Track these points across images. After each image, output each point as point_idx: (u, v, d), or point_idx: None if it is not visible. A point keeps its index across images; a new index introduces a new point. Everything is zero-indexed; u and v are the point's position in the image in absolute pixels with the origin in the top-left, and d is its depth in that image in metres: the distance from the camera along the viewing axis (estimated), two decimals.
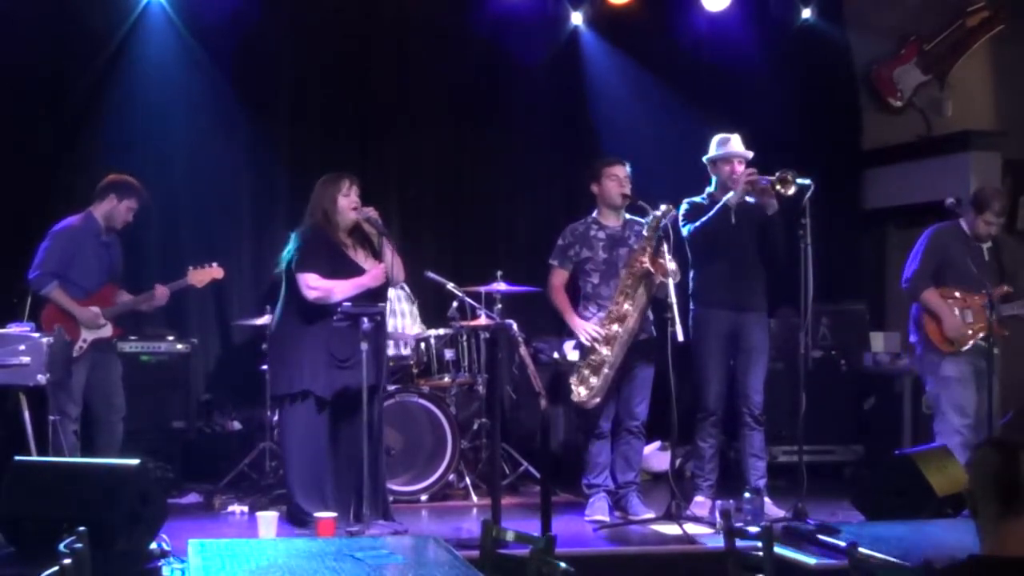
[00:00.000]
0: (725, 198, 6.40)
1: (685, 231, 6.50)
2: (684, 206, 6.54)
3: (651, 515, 6.27)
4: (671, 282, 6.03)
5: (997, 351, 6.50)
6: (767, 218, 6.38)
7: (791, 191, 6.18)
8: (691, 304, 6.56)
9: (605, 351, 6.25)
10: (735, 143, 6.55)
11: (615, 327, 6.26)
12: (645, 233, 6.27)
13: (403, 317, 7.47)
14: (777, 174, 6.22)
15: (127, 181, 6.68)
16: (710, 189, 6.59)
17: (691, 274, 6.59)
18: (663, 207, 6.19)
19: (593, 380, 6.26)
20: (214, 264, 6.80)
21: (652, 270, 6.15)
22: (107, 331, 6.60)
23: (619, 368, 6.32)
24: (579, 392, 6.27)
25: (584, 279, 6.48)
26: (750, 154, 6.53)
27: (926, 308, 6.60)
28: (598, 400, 6.29)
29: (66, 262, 6.50)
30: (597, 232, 6.46)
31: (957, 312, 6.54)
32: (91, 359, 6.57)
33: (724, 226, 6.42)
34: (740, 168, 6.46)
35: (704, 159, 6.63)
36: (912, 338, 6.75)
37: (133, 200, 6.64)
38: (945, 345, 6.53)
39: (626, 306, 6.26)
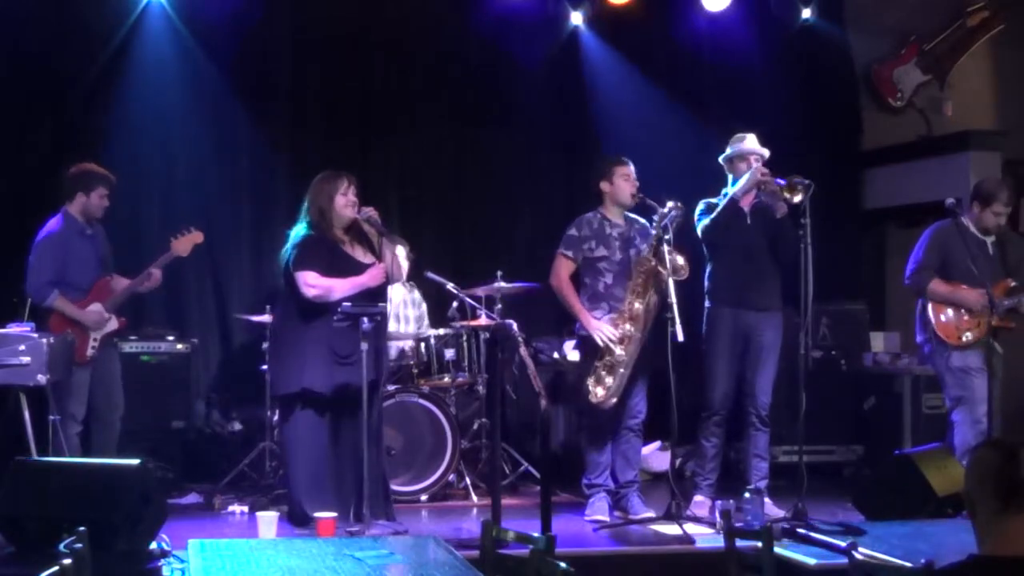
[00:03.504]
0: (733, 190, 6.41)
1: (700, 226, 6.50)
2: (700, 205, 6.55)
3: (651, 515, 6.27)
4: (671, 281, 6.04)
5: (1000, 350, 6.50)
6: (777, 221, 6.39)
7: (797, 199, 6.19)
8: (705, 301, 6.57)
9: (620, 351, 6.24)
10: (750, 141, 6.56)
11: (628, 327, 6.26)
12: (654, 231, 6.27)
13: (406, 322, 7.46)
14: (787, 180, 6.22)
15: (87, 172, 6.61)
16: (726, 189, 6.58)
17: (706, 272, 6.60)
18: (669, 204, 6.18)
19: (609, 380, 6.25)
20: (192, 229, 6.75)
21: (660, 269, 6.16)
22: (113, 324, 6.62)
23: None
24: (596, 392, 6.26)
25: (596, 278, 6.43)
26: (766, 152, 6.53)
27: (936, 298, 6.55)
28: (615, 400, 6.28)
29: (60, 267, 6.48)
30: (611, 231, 6.45)
31: (963, 310, 6.52)
32: (96, 358, 6.57)
33: (738, 225, 6.43)
34: (757, 165, 6.46)
35: (720, 158, 6.63)
36: (919, 338, 6.72)
37: (101, 188, 6.59)
38: (953, 337, 6.51)
39: (637, 305, 6.26)
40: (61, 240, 6.54)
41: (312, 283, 5.99)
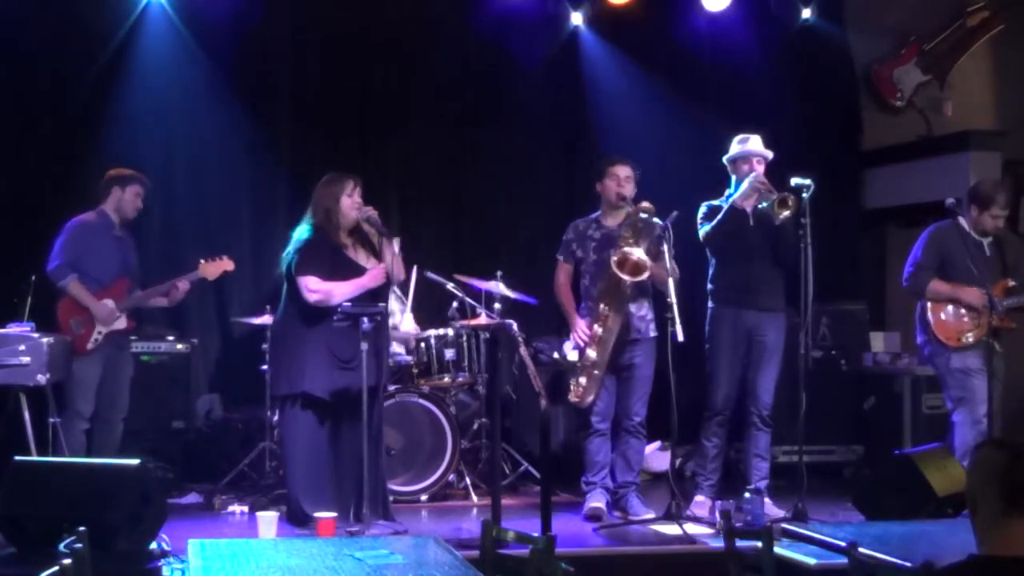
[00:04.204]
0: (732, 198, 6.42)
1: (702, 232, 6.50)
2: (703, 208, 6.56)
3: (651, 515, 6.27)
4: (670, 281, 6.04)
5: (1000, 349, 6.50)
6: (776, 226, 6.39)
7: (784, 214, 6.20)
8: (708, 302, 6.58)
9: (590, 352, 6.30)
10: (754, 143, 6.55)
11: (598, 328, 6.30)
12: (621, 232, 6.30)
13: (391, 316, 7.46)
14: (778, 195, 6.23)
15: (125, 172, 6.73)
16: (729, 191, 6.59)
17: (709, 273, 6.61)
18: (642, 205, 6.21)
19: (583, 380, 6.32)
20: (224, 256, 6.80)
21: (619, 273, 6.16)
22: (122, 323, 6.63)
23: (616, 368, 6.36)
24: (575, 391, 6.33)
25: (580, 279, 6.54)
26: (769, 154, 6.54)
27: (936, 297, 6.56)
28: (591, 399, 6.33)
29: (82, 253, 6.53)
30: (594, 232, 6.49)
31: (962, 311, 6.52)
32: (106, 355, 6.58)
33: (741, 226, 6.43)
34: (760, 168, 6.47)
35: (724, 159, 6.63)
36: (919, 339, 6.73)
37: (136, 186, 6.69)
38: (953, 339, 6.51)
39: (602, 307, 6.30)
40: (89, 229, 6.59)
41: (313, 288, 5.99)
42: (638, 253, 6.15)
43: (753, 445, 6.55)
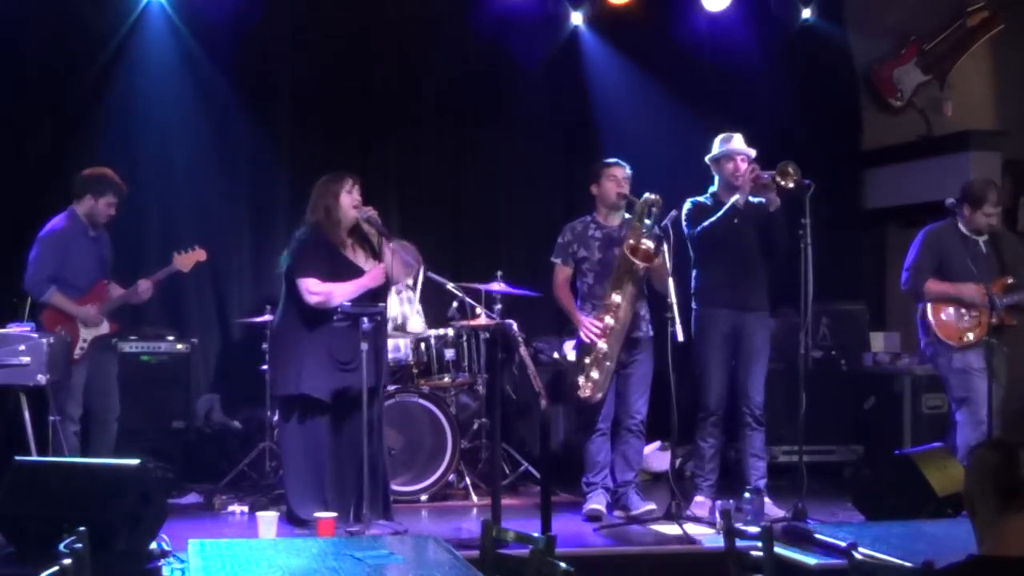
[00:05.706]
0: (732, 200, 6.40)
1: (696, 231, 6.50)
2: (687, 206, 6.55)
3: (652, 506, 6.29)
4: (670, 281, 6.04)
5: (1005, 349, 6.50)
6: (770, 216, 6.39)
7: (791, 183, 6.19)
8: (693, 303, 6.57)
9: (602, 344, 6.28)
10: (737, 141, 6.56)
11: (608, 319, 6.30)
12: (630, 222, 6.31)
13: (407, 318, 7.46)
14: (777, 166, 6.23)
15: (100, 177, 6.60)
16: (713, 189, 6.60)
17: (693, 273, 6.60)
18: (647, 196, 6.22)
19: (595, 374, 6.29)
20: (196, 247, 6.78)
21: (632, 258, 6.17)
22: (105, 328, 6.61)
23: (618, 366, 6.35)
24: (585, 388, 6.30)
25: (580, 279, 6.53)
26: (752, 152, 6.54)
27: (934, 296, 6.57)
28: (602, 394, 6.32)
29: (59, 265, 6.49)
30: (594, 232, 6.50)
31: (963, 310, 6.53)
32: (91, 359, 6.57)
33: (727, 226, 6.42)
34: (743, 166, 6.47)
35: (706, 159, 6.64)
36: (922, 342, 6.73)
37: (110, 195, 6.59)
38: (954, 338, 6.52)
39: (614, 297, 6.30)
40: (64, 238, 6.55)
41: (314, 290, 5.99)
42: (648, 242, 6.16)
43: (749, 445, 6.55)
